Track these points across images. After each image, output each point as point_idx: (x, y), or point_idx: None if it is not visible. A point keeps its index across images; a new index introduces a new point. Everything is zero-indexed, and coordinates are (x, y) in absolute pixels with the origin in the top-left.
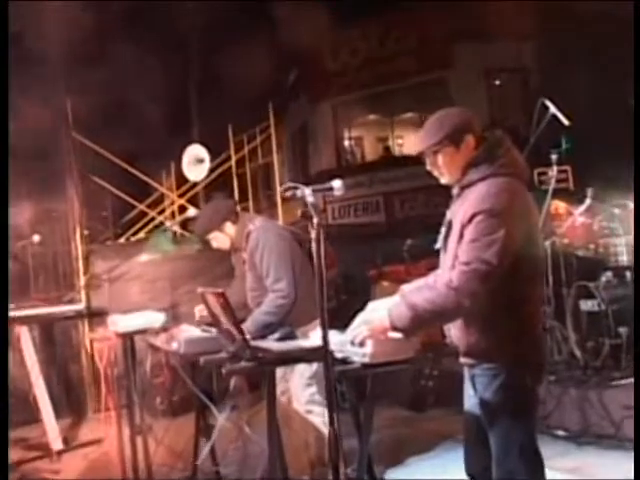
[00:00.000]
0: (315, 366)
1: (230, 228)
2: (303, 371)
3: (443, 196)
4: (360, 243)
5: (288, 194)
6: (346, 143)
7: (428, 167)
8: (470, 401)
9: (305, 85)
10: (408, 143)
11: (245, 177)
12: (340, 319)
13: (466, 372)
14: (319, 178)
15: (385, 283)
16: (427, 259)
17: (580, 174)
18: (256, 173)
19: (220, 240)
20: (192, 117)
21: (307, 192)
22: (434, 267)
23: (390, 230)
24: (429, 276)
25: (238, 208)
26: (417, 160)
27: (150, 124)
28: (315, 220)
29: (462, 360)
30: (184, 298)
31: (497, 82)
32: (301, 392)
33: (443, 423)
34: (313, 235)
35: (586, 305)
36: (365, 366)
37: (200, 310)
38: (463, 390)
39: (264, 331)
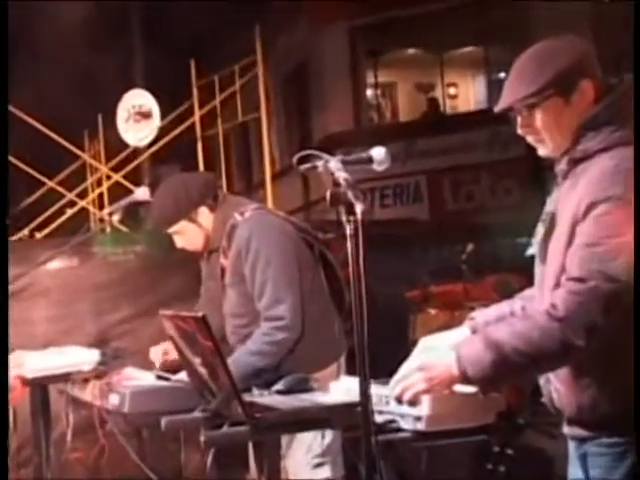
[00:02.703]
0: (329, 437)
1: (206, 217)
2: (310, 443)
3: (519, 176)
4: (391, 249)
5: (305, 167)
6: (369, 93)
7: (519, 130)
8: None
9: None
10: (465, 94)
11: (215, 142)
12: (372, 363)
13: (572, 449)
14: (326, 146)
15: (432, 310)
16: (496, 274)
17: None
18: (231, 136)
19: (189, 235)
20: (133, 46)
21: (336, 164)
22: (508, 287)
23: (438, 229)
24: (514, 299)
25: (219, 187)
26: (478, 121)
27: (66, 56)
28: (358, 207)
29: (567, 430)
30: (117, 330)
31: None
32: (306, 476)
33: None
34: (349, 231)
35: None
36: (419, 435)
37: (164, 352)
38: (555, 475)
39: (252, 380)
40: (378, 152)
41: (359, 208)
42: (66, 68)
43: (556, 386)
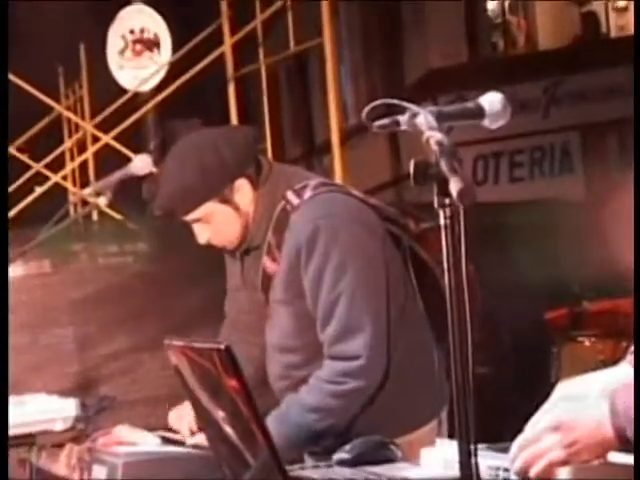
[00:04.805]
0: None
1: (245, 195)
2: None
3: None
4: (523, 247)
5: (380, 124)
6: (491, 7)
7: None
8: None
9: None
10: None
11: (255, 85)
12: (484, 420)
13: None
14: (427, 89)
15: (585, 338)
16: None
17: None
18: (279, 75)
19: (220, 223)
20: None
21: (427, 120)
22: None
23: (598, 214)
24: None
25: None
26: None
27: None
28: (454, 184)
29: None
30: (107, 368)
31: None
32: None
33: None
34: (443, 220)
35: None
36: None
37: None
38: None
39: (307, 447)
40: (491, 101)
41: (455, 186)
42: None
43: None
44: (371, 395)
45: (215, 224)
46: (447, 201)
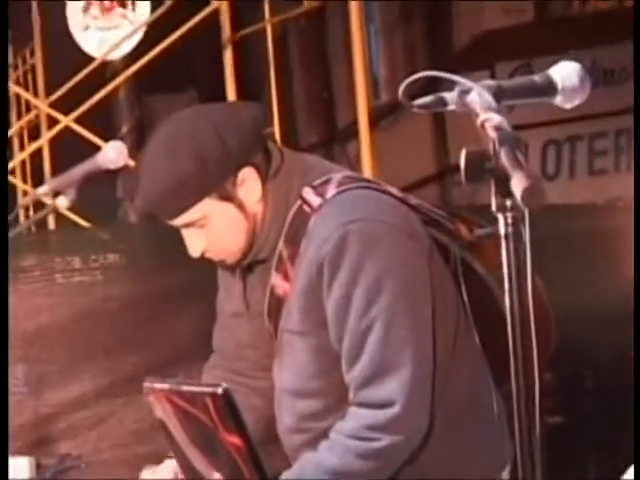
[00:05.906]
0: None
1: (251, 191)
2: None
3: None
4: (605, 260)
5: (420, 103)
6: None
7: None
8: None
9: None
10: None
11: (257, 51)
12: (558, 468)
13: None
14: (480, 56)
15: None
16: None
17: None
18: (289, 39)
19: (219, 227)
20: None
21: (480, 95)
22: None
23: None
24: None
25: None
26: None
27: None
28: (517, 182)
29: None
30: (71, 418)
31: None
32: None
33: None
34: (502, 228)
35: None
36: None
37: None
38: None
39: None
40: (565, 72)
41: (519, 184)
42: None
43: None
44: (411, 453)
45: (213, 229)
46: (509, 203)
